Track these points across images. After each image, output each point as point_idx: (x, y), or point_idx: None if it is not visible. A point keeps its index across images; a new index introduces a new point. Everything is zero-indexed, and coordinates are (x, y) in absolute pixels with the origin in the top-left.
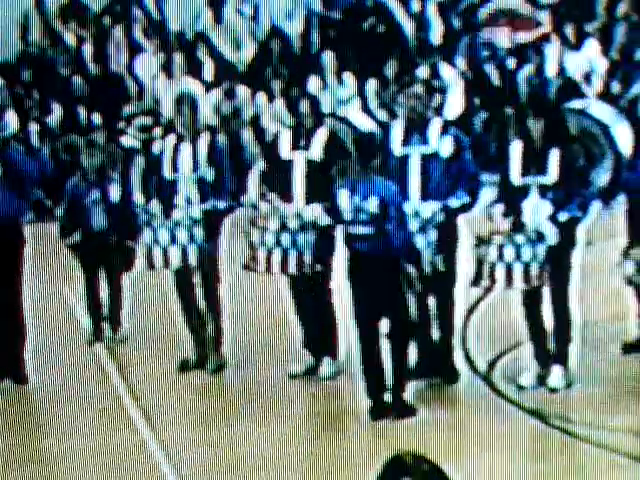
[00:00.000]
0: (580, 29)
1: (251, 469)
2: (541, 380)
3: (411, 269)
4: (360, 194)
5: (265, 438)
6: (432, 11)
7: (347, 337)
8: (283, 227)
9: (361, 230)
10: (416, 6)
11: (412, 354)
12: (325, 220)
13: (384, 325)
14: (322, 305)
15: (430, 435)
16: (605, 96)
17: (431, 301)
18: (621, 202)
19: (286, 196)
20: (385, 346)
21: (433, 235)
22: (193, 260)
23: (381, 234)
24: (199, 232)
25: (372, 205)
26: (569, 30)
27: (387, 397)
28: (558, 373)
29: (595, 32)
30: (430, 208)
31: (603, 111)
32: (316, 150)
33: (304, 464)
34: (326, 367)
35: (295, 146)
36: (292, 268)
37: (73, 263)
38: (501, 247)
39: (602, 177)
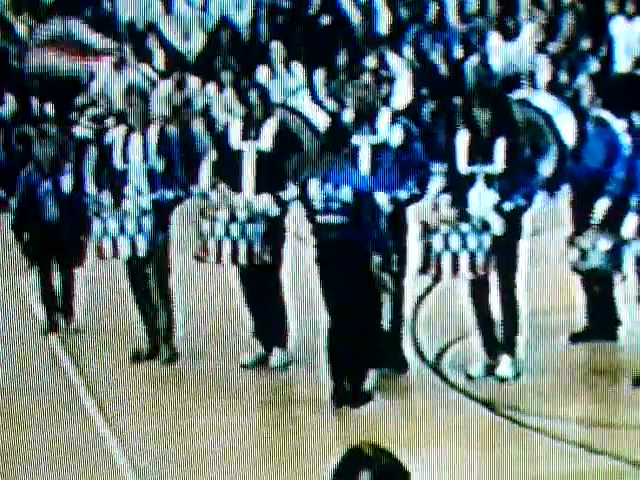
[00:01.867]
0: (520, 20)
1: (207, 460)
2: (490, 370)
3: (378, 259)
4: (332, 183)
5: (220, 428)
6: (379, 1)
7: (299, 327)
8: (233, 218)
9: (333, 219)
10: None
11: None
12: (275, 211)
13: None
14: (272, 296)
15: (384, 424)
16: (551, 86)
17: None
18: (565, 192)
19: (236, 186)
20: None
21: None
22: (142, 251)
23: (354, 223)
24: (148, 222)
25: (345, 194)
26: (510, 20)
27: (347, 385)
28: (506, 363)
29: (540, 23)
30: (383, 198)
31: (547, 101)
32: (266, 140)
33: (260, 454)
34: (276, 357)
35: (245, 136)
36: (242, 259)
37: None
38: (447, 236)
39: (547, 167)
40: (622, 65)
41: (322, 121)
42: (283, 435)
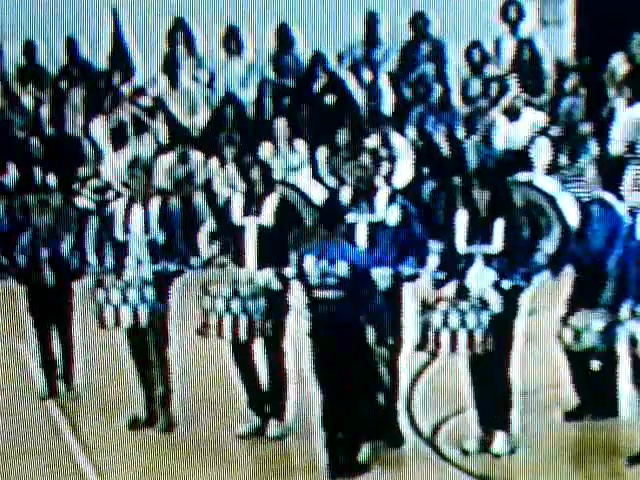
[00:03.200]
0: (527, 102)
1: None
2: (485, 445)
3: (374, 333)
4: (328, 258)
5: None
6: (383, 81)
7: (299, 398)
8: (235, 293)
9: (329, 294)
10: (368, 76)
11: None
12: (276, 285)
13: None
14: (273, 367)
15: None
16: (552, 168)
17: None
18: (568, 273)
19: (238, 261)
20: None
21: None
22: (144, 320)
23: (350, 298)
24: (150, 292)
25: (341, 269)
26: (516, 102)
27: (341, 457)
28: (501, 439)
29: (542, 105)
30: (380, 274)
31: (549, 183)
32: (267, 216)
33: None
34: (273, 428)
35: (246, 211)
36: (243, 334)
37: (27, 319)
38: (446, 313)
39: (549, 248)
40: (616, 149)
41: (320, 198)
42: None
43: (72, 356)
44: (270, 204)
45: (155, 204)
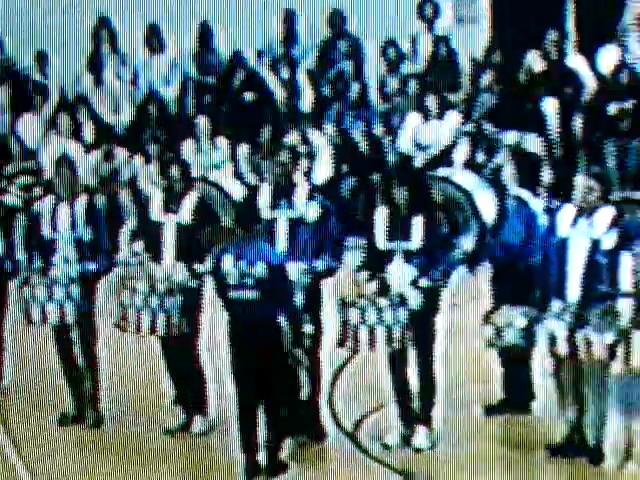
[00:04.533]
0: (443, 99)
1: None
2: (406, 440)
3: (291, 333)
4: (246, 259)
5: None
6: (302, 78)
7: (220, 395)
8: (152, 289)
9: (247, 294)
10: (286, 73)
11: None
12: (193, 282)
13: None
14: (192, 364)
15: None
16: (470, 165)
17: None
18: (486, 267)
19: (156, 258)
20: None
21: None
22: (70, 317)
23: (268, 299)
24: (76, 290)
25: (259, 270)
26: (430, 100)
27: (262, 455)
28: (423, 433)
29: (459, 102)
30: (298, 271)
31: (467, 179)
32: (185, 213)
33: None
34: (197, 424)
35: (166, 209)
36: (161, 330)
37: None
38: (364, 310)
39: (467, 244)
40: (532, 146)
41: (240, 195)
42: None
43: (2, 353)
44: (189, 202)
45: (81, 202)
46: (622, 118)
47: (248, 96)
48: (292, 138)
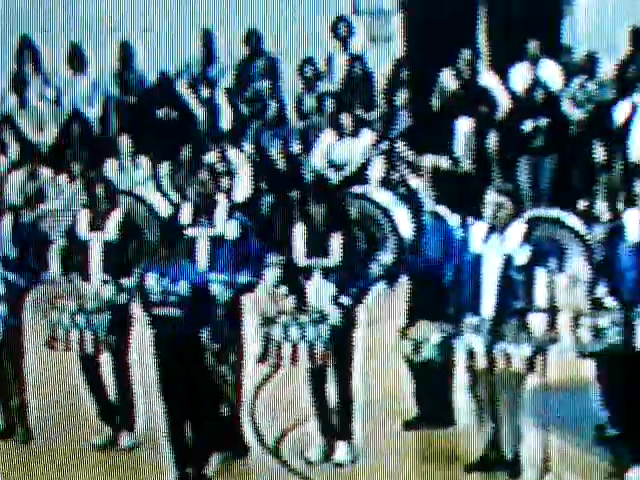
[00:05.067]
0: (357, 117)
1: None
2: (327, 455)
3: (215, 350)
4: (169, 276)
5: None
6: (220, 97)
7: (148, 410)
8: (80, 307)
9: (170, 312)
10: (205, 92)
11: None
12: (120, 299)
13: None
14: (120, 380)
15: None
16: (385, 182)
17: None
18: (404, 283)
19: (84, 276)
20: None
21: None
22: None
23: (190, 316)
24: (2, 308)
25: (182, 288)
26: (345, 118)
27: (189, 470)
28: (343, 448)
29: (374, 120)
30: (219, 287)
31: (384, 195)
32: (111, 231)
33: None
34: (124, 439)
35: (92, 227)
36: (89, 348)
37: None
38: (286, 326)
39: (385, 260)
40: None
41: (165, 212)
42: None
43: None
44: (114, 220)
45: (7, 220)
46: (536, 135)
47: (169, 115)
48: (212, 157)
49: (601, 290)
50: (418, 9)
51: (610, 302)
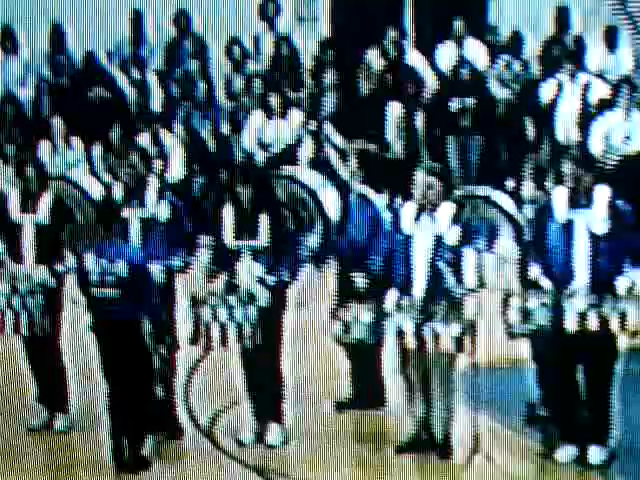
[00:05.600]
0: (285, 98)
1: None
2: (259, 437)
3: (152, 330)
4: (107, 257)
5: None
6: (151, 78)
7: (83, 392)
8: (14, 289)
9: (108, 292)
10: (136, 73)
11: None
12: (52, 282)
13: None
14: (53, 363)
15: None
16: (314, 163)
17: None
18: (332, 264)
19: (17, 258)
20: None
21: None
22: None
23: (128, 296)
24: None
25: (119, 268)
26: (273, 99)
27: (126, 452)
28: (275, 430)
29: (302, 100)
30: (154, 269)
31: (311, 177)
32: (42, 213)
33: None
34: (59, 421)
35: (23, 209)
36: (24, 329)
37: None
38: (215, 307)
39: (312, 241)
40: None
41: (97, 195)
42: None
43: None
44: (45, 202)
45: None
46: (462, 115)
47: (101, 96)
48: (144, 138)
49: (535, 271)
50: None
51: (543, 282)
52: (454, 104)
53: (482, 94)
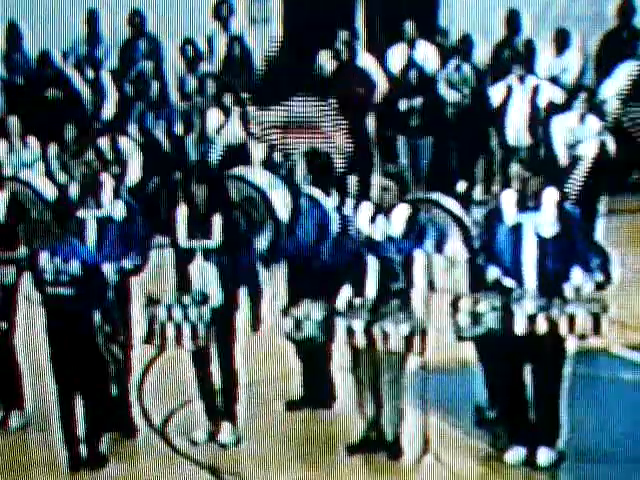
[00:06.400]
0: (239, 97)
1: None
2: (212, 436)
3: (106, 329)
4: (61, 256)
5: None
6: (106, 78)
7: (38, 390)
8: None
9: (62, 291)
10: (91, 73)
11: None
12: (8, 280)
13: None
14: (7, 361)
15: None
16: (266, 164)
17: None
18: (282, 264)
19: None
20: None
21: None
22: None
23: (82, 295)
24: None
25: (73, 267)
26: (228, 99)
27: (82, 449)
28: (227, 430)
29: (253, 100)
30: (109, 269)
31: (263, 178)
32: None
33: None
34: (14, 419)
35: None
36: None
37: None
38: (170, 307)
39: (263, 241)
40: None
41: (53, 194)
42: None
43: None
44: (1, 200)
45: None
46: (412, 116)
47: (55, 96)
48: (99, 138)
49: (494, 272)
50: None
51: (506, 281)
52: (402, 104)
53: (431, 96)
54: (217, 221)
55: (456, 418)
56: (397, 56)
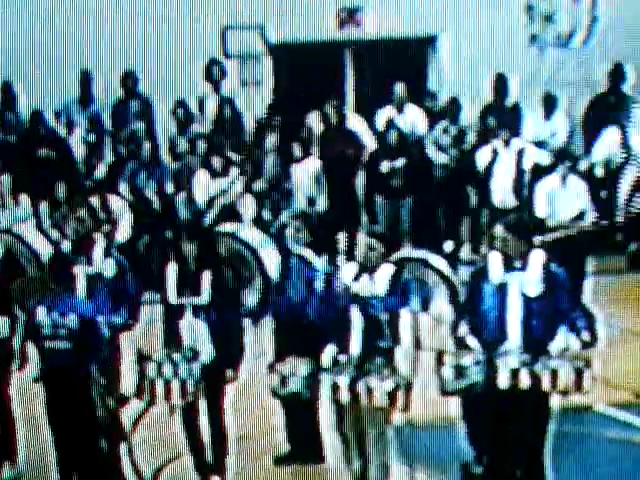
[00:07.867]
0: (226, 158)
1: None
2: None
3: (101, 382)
4: (58, 310)
5: None
6: (98, 138)
7: (28, 442)
8: None
9: (59, 345)
10: (84, 132)
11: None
12: (4, 332)
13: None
14: (2, 412)
15: None
16: (256, 222)
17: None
18: (270, 321)
19: None
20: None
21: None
22: None
23: (79, 349)
24: None
25: (71, 321)
26: (215, 159)
27: None
28: None
29: (245, 161)
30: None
31: (253, 236)
32: None
33: None
34: (5, 471)
35: None
36: None
37: None
38: (160, 364)
39: (251, 298)
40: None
41: (45, 250)
42: None
43: None
44: None
45: None
46: (393, 176)
47: (48, 155)
48: (90, 196)
49: (463, 329)
50: (286, 55)
51: (471, 341)
52: (384, 167)
53: (415, 157)
54: (206, 278)
55: (443, 474)
56: (385, 118)
